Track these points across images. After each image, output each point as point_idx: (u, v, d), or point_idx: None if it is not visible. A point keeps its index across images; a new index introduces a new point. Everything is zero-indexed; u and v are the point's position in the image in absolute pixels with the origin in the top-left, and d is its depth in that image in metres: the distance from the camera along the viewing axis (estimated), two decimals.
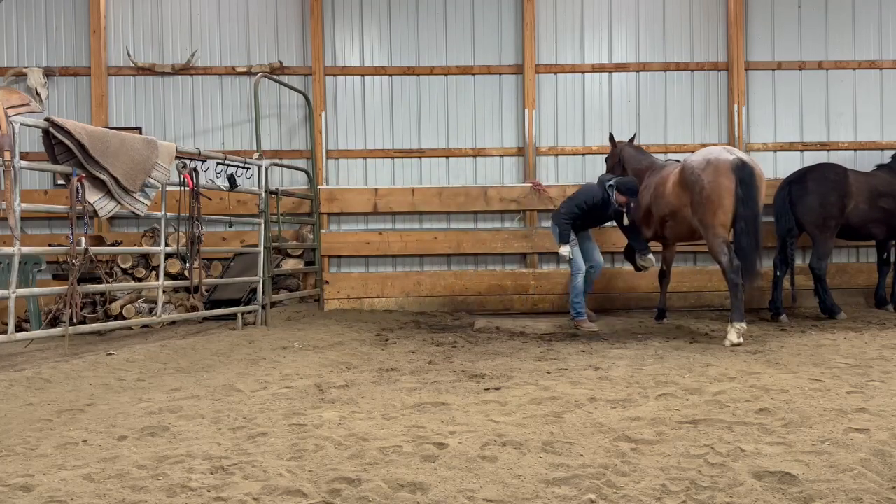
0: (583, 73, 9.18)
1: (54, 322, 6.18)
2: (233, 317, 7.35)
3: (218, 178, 7.40)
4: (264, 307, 7.44)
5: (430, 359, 5.63)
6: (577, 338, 6.74)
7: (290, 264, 8.74)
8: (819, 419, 3.57)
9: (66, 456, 3.24)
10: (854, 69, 9.12)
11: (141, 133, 8.62)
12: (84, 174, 5.52)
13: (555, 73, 9.17)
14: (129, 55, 8.98)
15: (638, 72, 9.18)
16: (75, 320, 5.50)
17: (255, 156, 7.57)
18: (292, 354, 5.88)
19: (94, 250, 5.96)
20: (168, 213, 6.44)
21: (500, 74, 9.17)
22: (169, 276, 7.53)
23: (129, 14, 9.04)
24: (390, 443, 3.32)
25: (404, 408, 4.03)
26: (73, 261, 5.48)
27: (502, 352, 5.97)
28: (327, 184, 9.05)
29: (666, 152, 8.92)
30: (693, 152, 6.88)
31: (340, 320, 7.95)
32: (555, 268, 9.01)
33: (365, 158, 9.16)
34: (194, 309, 7.48)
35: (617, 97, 9.20)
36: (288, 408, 4.07)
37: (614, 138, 8.23)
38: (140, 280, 7.90)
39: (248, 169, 7.54)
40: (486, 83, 9.19)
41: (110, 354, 5.69)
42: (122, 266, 7.92)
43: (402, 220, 9.11)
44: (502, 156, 9.19)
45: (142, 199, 5.99)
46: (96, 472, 2.99)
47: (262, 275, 7.40)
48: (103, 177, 5.62)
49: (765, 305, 8.13)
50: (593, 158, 9.11)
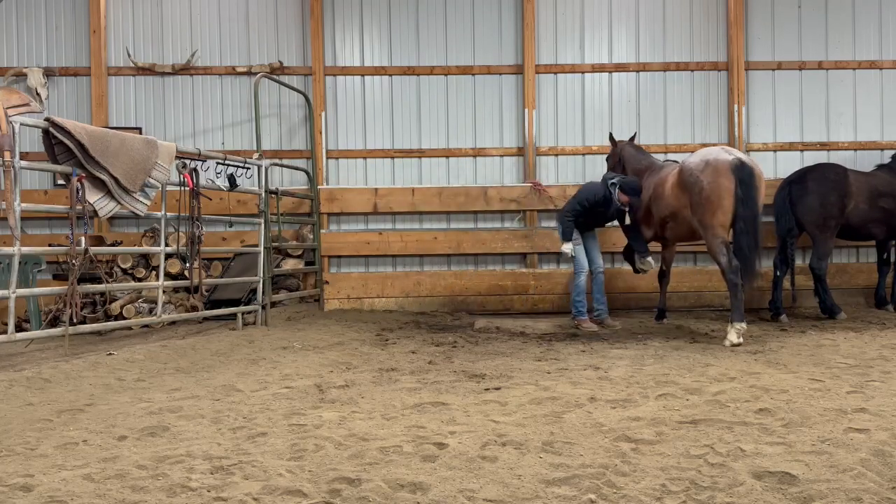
0: (583, 73, 9.18)
1: (54, 322, 6.18)
2: (233, 317, 7.35)
3: (218, 178, 7.40)
4: (264, 307, 7.44)
5: (430, 359, 5.64)
6: (577, 338, 6.74)
7: (290, 264, 8.74)
8: (819, 419, 3.57)
9: (66, 456, 3.24)
10: (854, 69, 9.12)
11: (141, 133, 8.63)
12: (84, 174, 5.52)
13: (555, 73, 9.17)
14: (129, 55, 8.98)
15: (638, 72, 9.18)
16: (75, 320, 5.50)
17: (255, 156, 7.57)
18: (292, 354, 5.88)
19: (94, 250, 5.96)
20: (168, 213, 6.44)
21: (500, 74, 9.17)
22: (169, 276, 7.53)
23: (129, 14, 9.04)
24: (390, 443, 3.32)
25: (404, 408, 4.03)
26: (73, 261, 5.48)
27: (502, 352, 5.97)
28: (327, 184, 9.05)
29: (666, 152, 8.93)
30: (692, 153, 6.88)
31: (340, 320, 7.95)
32: (555, 268, 9.02)
33: (365, 158, 9.16)
34: (194, 309, 7.49)
35: (617, 97, 9.20)
36: (288, 408, 4.07)
37: (614, 138, 8.23)
38: (140, 280, 7.90)
39: (248, 169, 7.54)
40: (486, 83, 9.19)
41: (110, 354, 5.69)
42: (122, 266, 7.93)
43: (402, 220, 9.11)
44: (502, 156, 9.19)
45: (142, 199, 5.99)
46: (96, 472, 2.99)
47: (262, 275, 7.40)
48: (103, 177, 5.63)
49: (765, 305, 8.13)
50: (593, 158, 9.11)
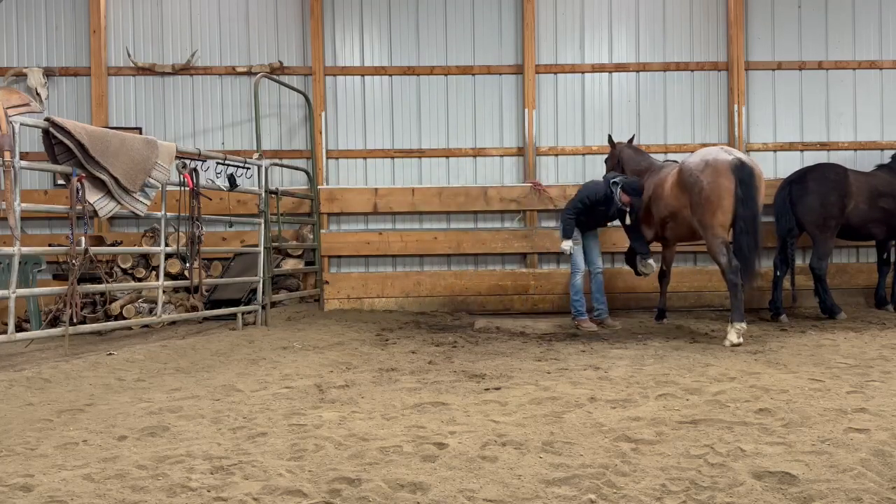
0: (583, 73, 9.18)
1: (54, 322, 6.18)
2: (233, 317, 7.35)
3: (218, 178, 7.40)
4: (264, 307, 7.44)
5: (430, 359, 5.63)
6: (577, 338, 6.74)
7: (290, 264, 8.74)
8: (819, 419, 3.57)
9: (66, 456, 3.24)
10: (854, 69, 9.12)
11: (141, 133, 8.63)
12: (84, 174, 5.52)
13: (555, 73, 9.17)
14: (129, 55, 8.98)
15: (638, 72, 9.18)
16: (75, 320, 5.50)
17: (255, 156, 7.57)
18: (292, 354, 5.88)
19: (94, 250, 5.96)
20: (168, 213, 6.44)
21: (500, 74, 9.17)
22: (169, 276, 7.53)
23: (129, 14, 9.04)
24: (390, 443, 3.32)
25: (404, 408, 4.03)
26: (73, 261, 5.48)
27: (502, 352, 5.97)
28: (327, 184, 9.05)
29: (666, 152, 8.92)
30: (692, 153, 6.87)
31: (340, 320, 7.95)
32: (555, 268, 9.01)
33: (365, 158, 9.16)
34: (194, 309, 7.49)
35: (617, 97, 9.20)
36: (288, 408, 4.07)
37: (613, 140, 8.23)
38: (140, 280, 7.90)
39: (248, 169, 7.54)
40: (486, 83, 9.19)
41: (110, 354, 5.69)
42: (122, 266, 7.93)
43: (402, 220, 9.11)
44: (502, 156, 9.19)
45: (142, 199, 5.99)
46: (96, 472, 2.99)
47: (262, 275, 7.40)
48: (103, 177, 5.63)
49: (765, 305, 8.13)
50: (593, 158, 9.11)
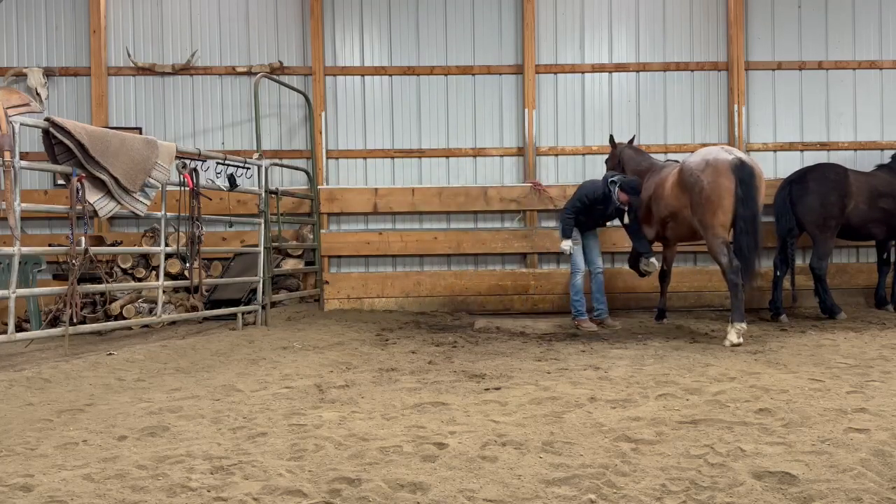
0: (583, 73, 9.18)
1: (54, 322, 6.18)
2: (233, 317, 7.35)
3: (218, 178, 7.40)
4: (264, 307, 7.44)
5: (430, 359, 5.63)
6: (577, 338, 6.74)
7: (290, 264, 8.74)
8: (819, 419, 3.57)
9: (66, 456, 3.24)
10: (854, 69, 9.12)
11: (141, 133, 8.63)
12: (84, 174, 5.52)
13: (555, 73, 9.17)
14: (129, 55, 8.98)
15: (638, 72, 9.18)
16: (75, 320, 5.50)
17: (255, 156, 7.57)
18: (292, 354, 5.88)
19: (94, 250, 5.96)
20: (168, 213, 6.44)
21: (500, 74, 9.17)
22: (169, 276, 7.53)
23: (129, 14, 9.04)
24: (390, 443, 3.32)
25: (404, 408, 4.03)
26: (73, 261, 5.48)
27: (502, 352, 5.97)
28: (327, 184, 9.05)
29: (666, 152, 8.92)
30: (692, 152, 6.87)
31: (340, 320, 7.95)
32: (555, 268, 9.01)
33: (365, 158, 9.16)
34: (194, 309, 7.48)
35: (617, 97, 9.20)
36: (288, 408, 4.07)
37: (614, 140, 8.23)
38: (140, 280, 7.90)
39: (248, 169, 7.54)
40: (486, 83, 9.19)
41: (110, 354, 5.69)
42: (122, 266, 7.93)
43: (402, 220, 9.11)
44: (502, 156, 9.19)
45: (142, 199, 5.99)
46: (96, 472, 2.99)
47: (262, 275, 7.40)
48: (103, 177, 5.63)
49: (765, 305, 8.13)
50: (593, 158, 9.11)
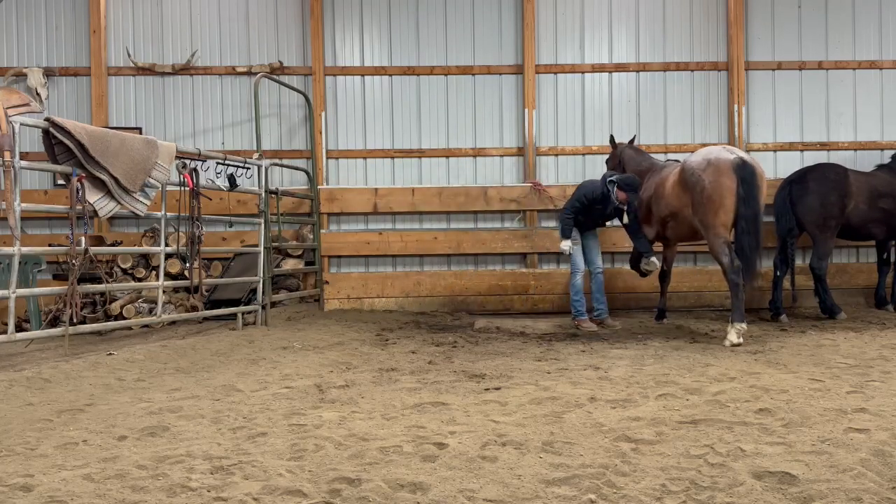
0: (583, 73, 9.18)
1: (54, 322, 6.17)
2: (233, 317, 7.35)
3: (218, 178, 7.40)
4: (264, 307, 7.44)
5: (430, 359, 5.63)
6: (577, 338, 6.74)
7: (290, 264, 8.74)
8: (819, 419, 3.57)
9: (66, 456, 3.24)
10: (854, 69, 9.12)
11: (141, 133, 8.63)
12: (84, 174, 5.52)
13: (555, 73, 9.17)
14: (129, 55, 8.98)
15: (638, 72, 9.18)
16: (75, 320, 5.50)
17: (255, 156, 7.57)
18: (292, 354, 5.88)
19: (94, 250, 5.96)
20: (168, 213, 6.44)
21: (500, 74, 9.17)
22: (169, 276, 7.53)
23: (129, 14, 9.04)
24: (390, 443, 3.32)
25: (404, 408, 4.03)
26: (73, 261, 5.48)
27: (502, 352, 5.97)
28: (327, 184, 9.05)
29: (666, 152, 8.92)
30: (693, 152, 6.87)
31: (340, 320, 7.95)
32: (555, 268, 9.01)
33: (365, 158, 9.16)
34: (194, 309, 7.48)
35: (617, 97, 9.20)
36: (288, 408, 4.07)
37: (615, 140, 8.22)
38: (140, 280, 7.90)
39: (248, 169, 7.54)
40: (486, 83, 9.19)
41: (110, 354, 5.69)
42: (122, 266, 7.93)
43: (402, 220, 9.11)
44: (502, 156, 9.19)
45: (142, 199, 5.99)
46: (96, 472, 2.99)
47: (262, 275, 7.40)
48: (103, 177, 5.62)
49: (765, 305, 8.13)
50: (593, 158, 9.11)
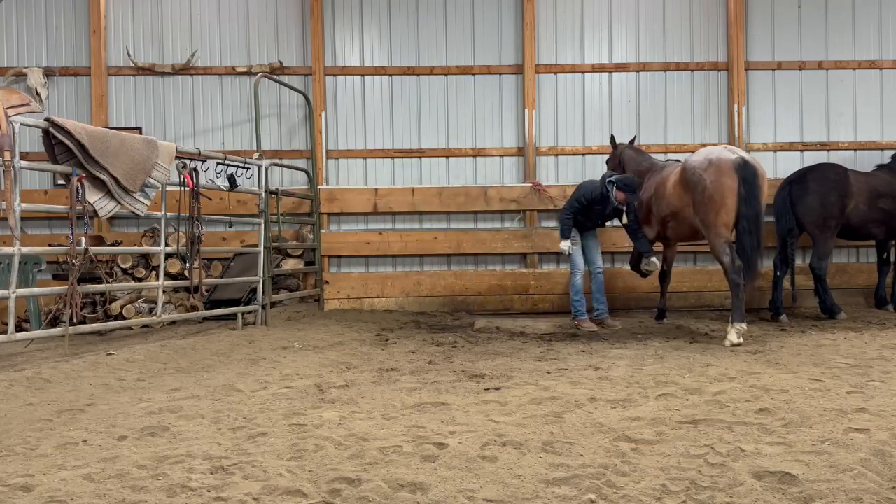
0: (583, 73, 9.18)
1: (54, 322, 6.17)
2: (233, 317, 7.35)
3: (218, 178, 7.40)
4: (264, 307, 7.44)
5: (430, 359, 5.63)
6: (577, 338, 6.74)
7: (290, 264, 8.74)
8: (819, 419, 3.57)
9: (66, 456, 3.24)
10: (854, 69, 9.12)
11: (141, 133, 8.63)
12: (84, 174, 5.52)
13: (555, 73, 9.17)
14: (129, 55, 8.98)
15: (638, 72, 9.18)
16: (75, 320, 5.50)
17: (255, 156, 7.57)
18: (292, 354, 5.88)
19: (94, 250, 5.96)
20: (168, 213, 6.44)
21: (500, 74, 9.17)
22: (169, 276, 7.53)
23: (129, 14, 9.04)
24: (390, 443, 3.32)
25: (404, 408, 4.03)
26: (73, 261, 5.48)
27: (502, 352, 5.97)
28: (327, 184, 9.05)
29: (666, 152, 8.92)
30: (693, 152, 6.86)
31: (340, 320, 7.95)
32: (555, 268, 9.01)
33: (365, 158, 9.16)
34: (194, 309, 7.48)
35: (617, 97, 9.20)
36: (288, 408, 4.07)
37: (615, 140, 8.22)
38: (140, 280, 7.90)
39: (248, 169, 7.54)
40: (486, 83, 9.19)
41: (110, 354, 5.69)
42: (122, 266, 7.93)
43: (402, 220, 9.11)
44: (502, 156, 9.19)
45: (142, 199, 5.99)
46: (96, 472, 2.99)
47: (262, 275, 7.40)
48: (103, 177, 5.63)
49: (765, 305, 8.13)
50: (593, 158, 9.11)
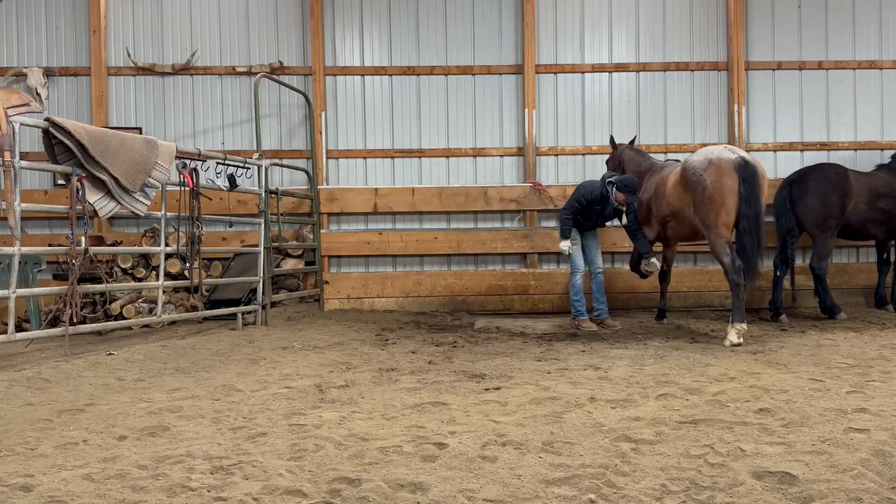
0: (583, 73, 9.18)
1: (54, 322, 6.18)
2: (233, 317, 7.35)
3: (218, 178, 7.40)
4: (264, 307, 7.44)
5: (430, 359, 5.63)
6: (577, 338, 6.74)
7: (290, 264, 8.74)
8: (819, 419, 3.57)
9: (66, 456, 3.24)
10: (854, 69, 9.12)
11: (141, 133, 8.62)
12: (84, 174, 5.52)
13: (555, 73, 9.17)
14: (129, 55, 8.98)
15: (638, 72, 9.18)
16: (75, 320, 5.50)
17: (255, 156, 7.57)
18: (292, 354, 5.88)
19: (94, 250, 5.97)
20: (168, 213, 6.44)
21: (500, 74, 9.17)
22: (169, 276, 7.53)
23: (129, 14, 9.04)
24: (390, 443, 3.32)
25: (404, 408, 4.03)
26: (73, 261, 5.48)
27: (502, 352, 5.97)
28: (327, 184, 9.05)
29: (666, 152, 8.92)
30: (693, 152, 6.86)
31: (340, 320, 7.95)
32: (555, 268, 9.01)
33: (365, 158, 9.16)
34: (194, 309, 7.48)
35: (617, 97, 9.20)
36: (288, 408, 4.07)
37: (615, 141, 8.22)
38: (140, 280, 7.90)
39: (248, 169, 7.53)
40: (486, 83, 9.19)
41: (110, 354, 5.69)
42: (122, 266, 7.93)
43: (402, 220, 9.11)
44: (502, 156, 9.18)
45: (142, 199, 5.99)
46: (96, 472, 2.99)
47: (262, 275, 7.40)
48: (103, 177, 5.63)
49: (765, 305, 8.13)
50: (593, 158, 9.11)
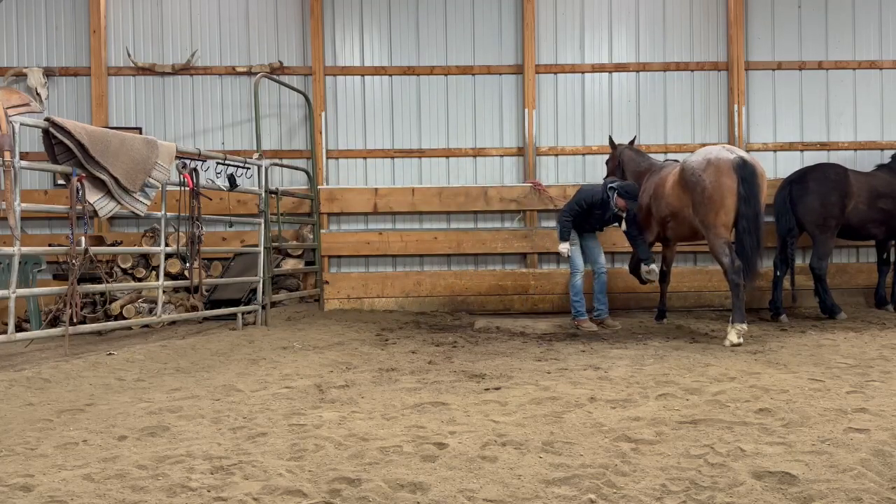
0: (583, 73, 9.18)
1: (54, 322, 6.18)
2: (233, 317, 7.35)
3: (218, 178, 7.40)
4: (264, 307, 7.44)
5: (430, 359, 5.64)
6: (577, 338, 6.74)
7: (290, 264, 8.74)
8: (819, 419, 3.57)
9: (66, 456, 3.24)
10: (854, 69, 9.12)
11: (141, 133, 8.62)
12: (84, 174, 5.52)
13: (555, 73, 9.17)
14: (129, 55, 8.98)
15: (638, 72, 9.18)
16: (75, 320, 5.50)
17: (255, 156, 7.57)
18: (292, 354, 5.88)
19: (94, 250, 5.97)
20: (168, 213, 6.44)
21: (500, 74, 9.17)
22: (169, 276, 7.53)
23: (129, 14, 9.04)
24: (390, 443, 3.32)
25: (404, 408, 4.03)
26: (73, 261, 5.48)
27: (502, 352, 5.97)
28: (327, 184, 9.05)
29: (666, 152, 8.92)
30: (692, 152, 6.86)
31: (340, 320, 7.95)
32: (555, 268, 9.01)
33: (365, 158, 9.16)
34: (194, 309, 7.48)
35: (617, 97, 9.20)
36: (288, 408, 4.07)
37: (614, 141, 8.22)
38: (140, 280, 7.90)
39: (248, 169, 7.54)
40: (486, 83, 9.19)
41: (110, 354, 5.69)
42: (122, 266, 7.93)
43: (402, 220, 9.11)
44: (502, 156, 9.19)
45: (142, 199, 5.99)
46: (96, 472, 2.99)
47: (262, 275, 7.40)
48: (103, 177, 5.63)
49: (765, 305, 8.13)
50: (593, 158, 9.11)
